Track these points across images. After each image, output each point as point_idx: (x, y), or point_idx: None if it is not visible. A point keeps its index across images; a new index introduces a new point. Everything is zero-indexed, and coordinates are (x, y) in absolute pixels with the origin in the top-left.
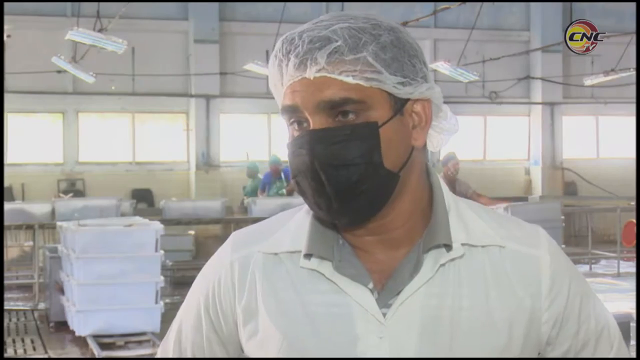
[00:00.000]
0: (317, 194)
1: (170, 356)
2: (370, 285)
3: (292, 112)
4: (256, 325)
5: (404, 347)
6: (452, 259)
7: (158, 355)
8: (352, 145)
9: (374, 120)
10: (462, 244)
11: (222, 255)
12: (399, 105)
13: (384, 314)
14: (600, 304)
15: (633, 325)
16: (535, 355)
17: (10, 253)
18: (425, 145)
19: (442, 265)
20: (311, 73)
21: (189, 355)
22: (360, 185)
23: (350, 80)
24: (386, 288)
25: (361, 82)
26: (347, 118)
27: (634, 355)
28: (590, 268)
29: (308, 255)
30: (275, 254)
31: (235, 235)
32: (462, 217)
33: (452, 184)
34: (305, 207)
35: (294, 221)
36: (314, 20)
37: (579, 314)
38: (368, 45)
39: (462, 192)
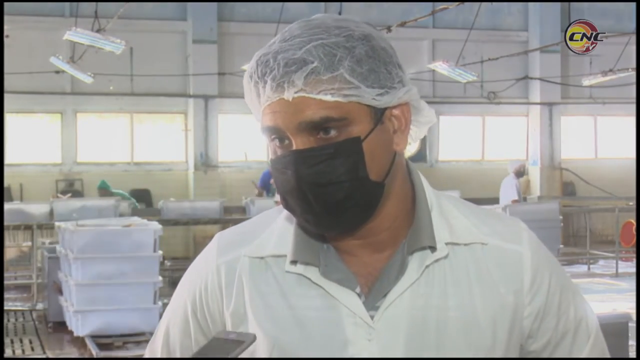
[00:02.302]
0: (305, 212)
1: (159, 356)
2: (358, 289)
3: (274, 132)
4: (245, 330)
5: (392, 348)
6: (437, 260)
7: (147, 354)
8: (336, 163)
9: (356, 134)
10: (446, 243)
11: (208, 258)
12: (379, 114)
13: (372, 317)
14: (580, 296)
15: (632, 325)
16: (518, 347)
17: (9, 253)
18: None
19: (427, 266)
20: (289, 95)
21: (178, 356)
22: (348, 200)
23: (329, 98)
24: (373, 291)
25: (340, 99)
26: (329, 135)
27: (631, 354)
28: (589, 268)
29: (294, 261)
30: (261, 257)
31: (220, 238)
32: (444, 215)
33: None
34: None
35: (277, 224)
36: (284, 34)
37: (559, 306)
38: (343, 60)
39: None
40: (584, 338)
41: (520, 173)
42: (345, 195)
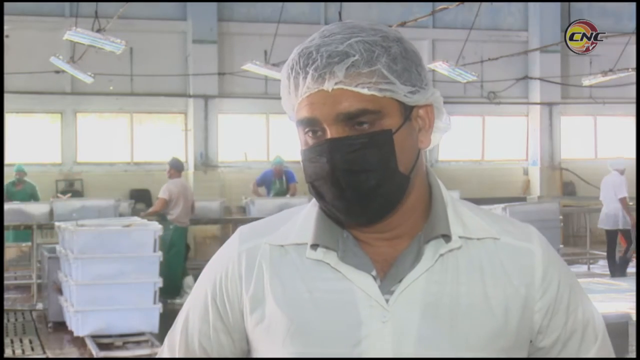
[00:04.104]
0: (336, 199)
1: (178, 344)
2: (374, 273)
3: (310, 123)
4: (263, 312)
5: (406, 330)
6: (451, 250)
7: (165, 343)
8: (369, 152)
9: (387, 127)
10: (460, 237)
11: (230, 247)
12: (408, 112)
13: (387, 300)
14: (586, 297)
15: (632, 325)
16: (528, 342)
17: (9, 253)
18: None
19: (442, 255)
20: (329, 86)
21: (196, 344)
22: (378, 189)
23: (365, 91)
24: (388, 276)
25: (375, 93)
26: (363, 126)
27: (631, 354)
28: (589, 268)
29: (314, 246)
30: (282, 245)
31: (242, 229)
32: (458, 213)
33: None
34: (311, 202)
35: (300, 216)
36: (323, 32)
37: (568, 305)
38: (381, 57)
39: None
40: (591, 339)
41: (624, 171)
42: (376, 183)
